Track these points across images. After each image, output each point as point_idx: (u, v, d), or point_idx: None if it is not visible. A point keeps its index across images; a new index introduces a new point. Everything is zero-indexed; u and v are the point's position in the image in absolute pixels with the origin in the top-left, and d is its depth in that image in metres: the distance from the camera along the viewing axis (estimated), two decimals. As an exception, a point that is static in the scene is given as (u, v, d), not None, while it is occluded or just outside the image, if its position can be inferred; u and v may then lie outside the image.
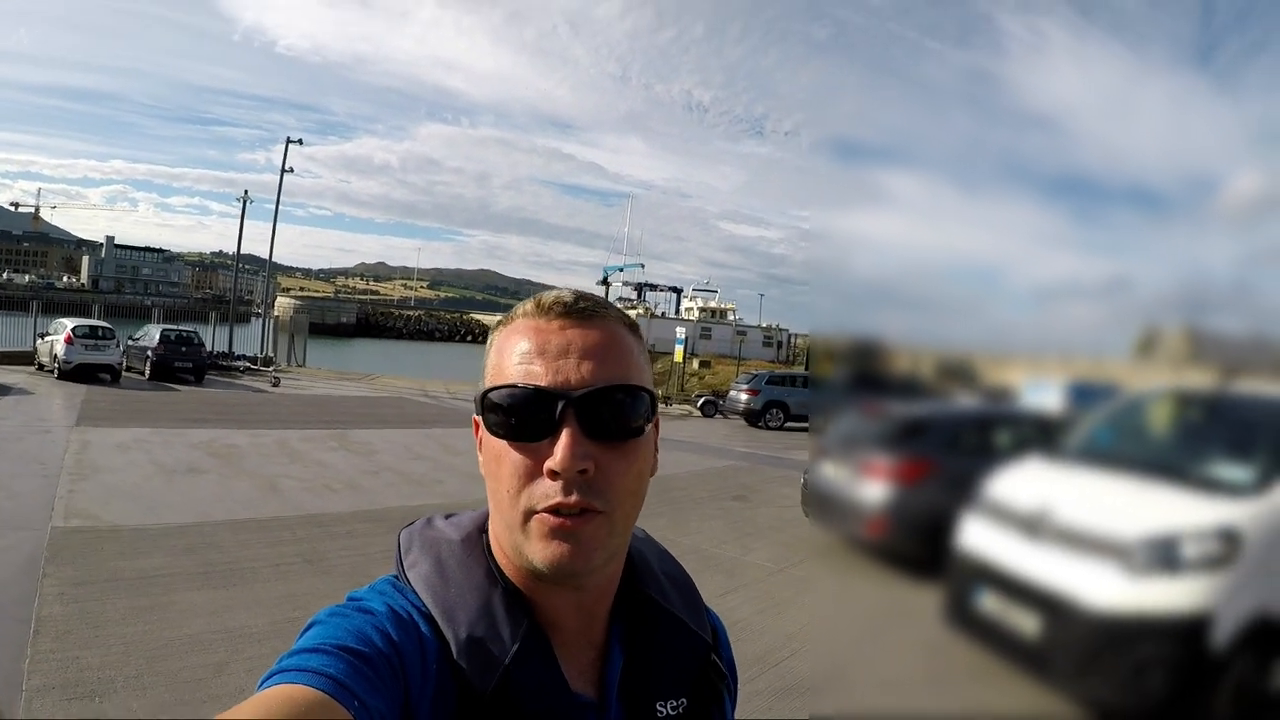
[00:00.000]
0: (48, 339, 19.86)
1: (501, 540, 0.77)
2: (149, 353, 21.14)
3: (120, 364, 20.00)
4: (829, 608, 5.69)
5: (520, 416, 0.72)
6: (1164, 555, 3.68)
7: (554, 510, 0.70)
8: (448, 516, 0.85)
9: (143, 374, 21.12)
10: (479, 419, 0.77)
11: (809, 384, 23.49)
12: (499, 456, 0.73)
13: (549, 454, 0.70)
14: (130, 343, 21.88)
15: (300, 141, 33.57)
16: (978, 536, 4.68)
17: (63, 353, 18.73)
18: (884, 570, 6.84)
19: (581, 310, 0.76)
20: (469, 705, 0.70)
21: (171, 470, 9.80)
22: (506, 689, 0.71)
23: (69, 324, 19.41)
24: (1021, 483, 4.79)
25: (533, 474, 0.71)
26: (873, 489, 6.71)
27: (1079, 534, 4.03)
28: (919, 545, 6.54)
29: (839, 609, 5.70)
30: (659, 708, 0.80)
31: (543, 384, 0.72)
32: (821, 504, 7.28)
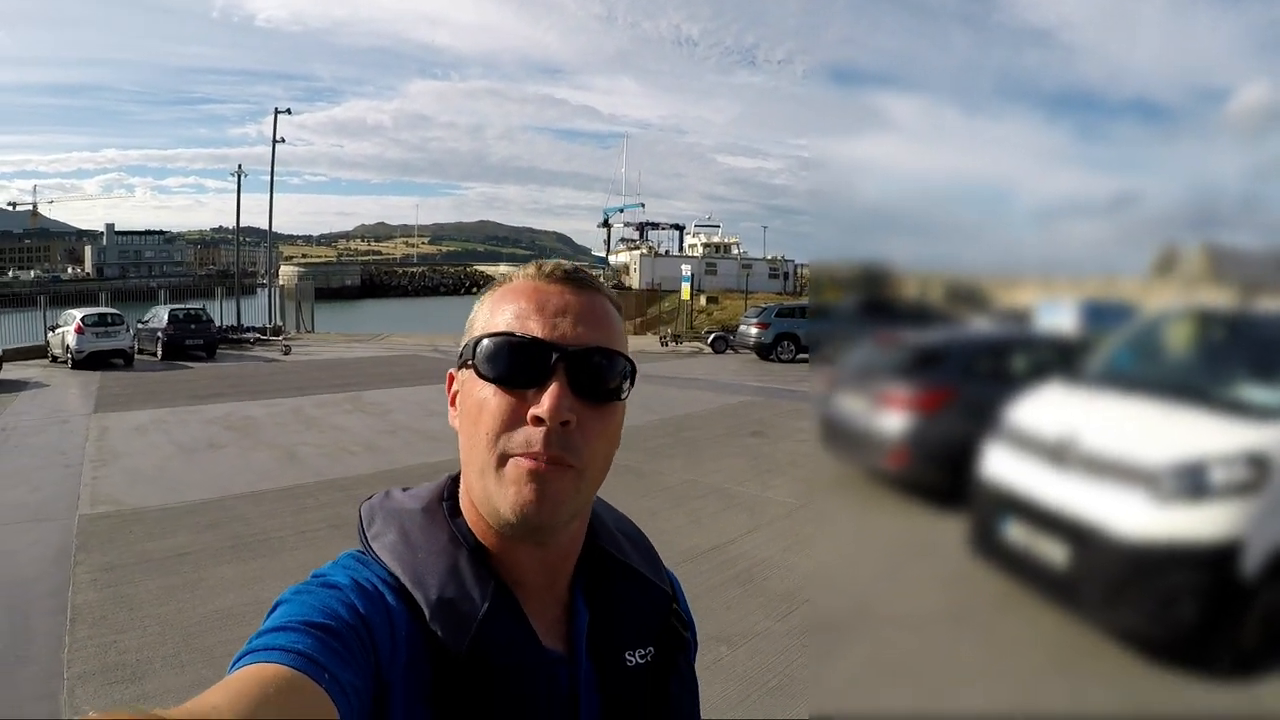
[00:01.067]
0: (58, 331, 20.11)
1: (473, 489, 0.78)
2: (159, 334, 21.36)
3: (132, 348, 20.25)
4: (852, 543, 5.69)
5: (513, 363, 0.74)
6: (1192, 482, 3.61)
7: (531, 455, 0.72)
8: (405, 489, 0.87)
9: (155, 355, 21.36)
10: (455, 373, 0.81)
11: (807, 313, 23.31)
12: (482, 402, 0.75)
13: (535, 402, 0.72)
14: (140, 326, 22.11)
15: (289, 111, 33.53)
16: (1001, 465, 4.62)
17: (74, 342, 18.94)
18: (905, 502, 6.84)
19: (580, 279, 0.80)
20: (444, 667, 0.71)
21: (191, 448, 9.90)
22: (480, 647, 0.72)
23: (78, 314, 19.64)
24: (1044, 409, 4.71)
25: (515, 420, 0.73)
26: (892, 420, 6.66)
27: (1106, 461, 3.95)
28: (940, 475, 6.51)
29: (862, 543, 5.70)
30: (627, 658, 0.83)
31: (540, 334, 0.75)
32: (839, 436, 7.24)
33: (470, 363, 0.77)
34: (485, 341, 0.76)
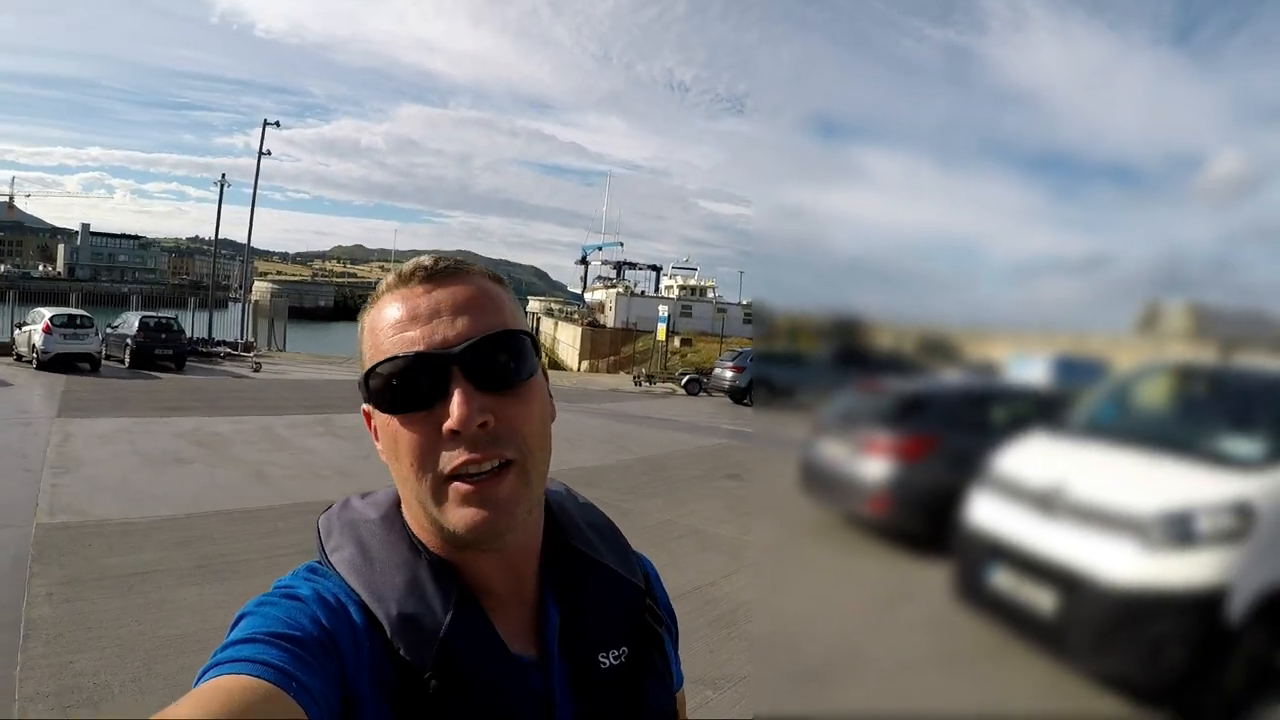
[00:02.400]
0: (25, 329, 19.58)
1: (418, 517, 0.76)
2: (128, 340, 20.93)
3: (100, 353, 19.77)
4: (836, 588, 5.66)
5: (407, 386, 0.70)
6: (1180, 530, 3.68)
7: (466, 475, 0.69)
8: (364, 496, 0.85)
9: (123, 362, 20.92)
10: (366, 407, 0.76)
11: (798, 360, 23.48)
12: (394, 434, 0.72)
13: (445, 416, 0.69)
14: (109, 331, 21.68)
15: (278, 124, 33.38)
16: (988, 513, 4.66)
17: (41, 343, 18.46)
18: (887, 548, 6.83)
19: (443, 270, 0.75)
20: (410, 682, 0.69)
21: (156, 460, 9.62)
22: (446, 660, 0.70)
23: (46, 313, 19.13)
24: (1030, 458, 4.76)
25: (434, 442, 0.70)
26: (874, 466, 6.68)
27: (1094, 510, 4.01)
28: (923, 522, 6.53)
29: (846, 589, 5.68)
30: (601, 659, 0.80)
31: (422, 348, 0.70)
32: (820, 482, 7.24)
33: (369, 399, 0.74)
34: (373, 374, 0.72)
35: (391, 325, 0.73)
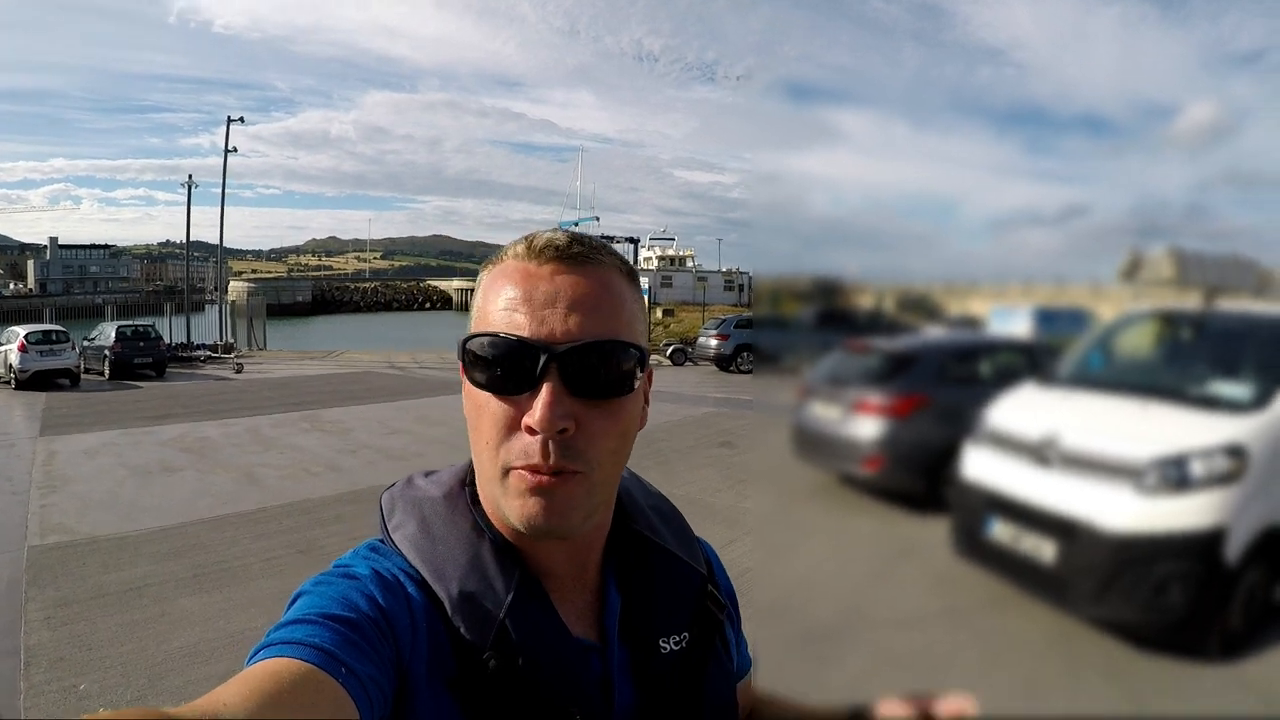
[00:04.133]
0: (0, 349, 19.22)
1: (483, 491, 0.76)
2: (106, 352, 20.84)
3: (78, 367, 19.73)
4: (835, 550, 5.70)
5: (501, 368, 0.69)
6: (1175, 474, 3.72)
7: (531, 469, 0.68)
8: (427, 474, 0.85)
9: (102, 374, 20.86)
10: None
11: (753, 324, 23.53)
12: (480, 407, 0.72)
13: (529, 408, 0.68)
14: (86, 343, 21.61)
15: (242, 120, 32.87)
16: (982, 466, 4.69)
17: (17, 362, 18.32)
18: (883, 507, 6.88)
19: (575, 255, 0.72)
20: (468, 661, 0.69)
21: (145, 471, 9.55)
22: (505, 640, 0.70)
23: (21, 331, 19.04)
24: (1021, 410, 4.79)
25: (512, 428, 0.69)
26: (865, 425, 6.71)
27: (1089, 458, 4.04)
28: (918, 479, 6.57)
29: (846, 549, 5.72)
30: (662, 644, 0.80)
31: (526, 335, 0.69)
32: (812, 444, 7.27)
33: (462, 362, 0.74)
34: (472, 343, 0.71)
35: (506, 299, 0.71)
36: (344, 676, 0.60)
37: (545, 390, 0.67)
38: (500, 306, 0.71)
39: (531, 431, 0.68)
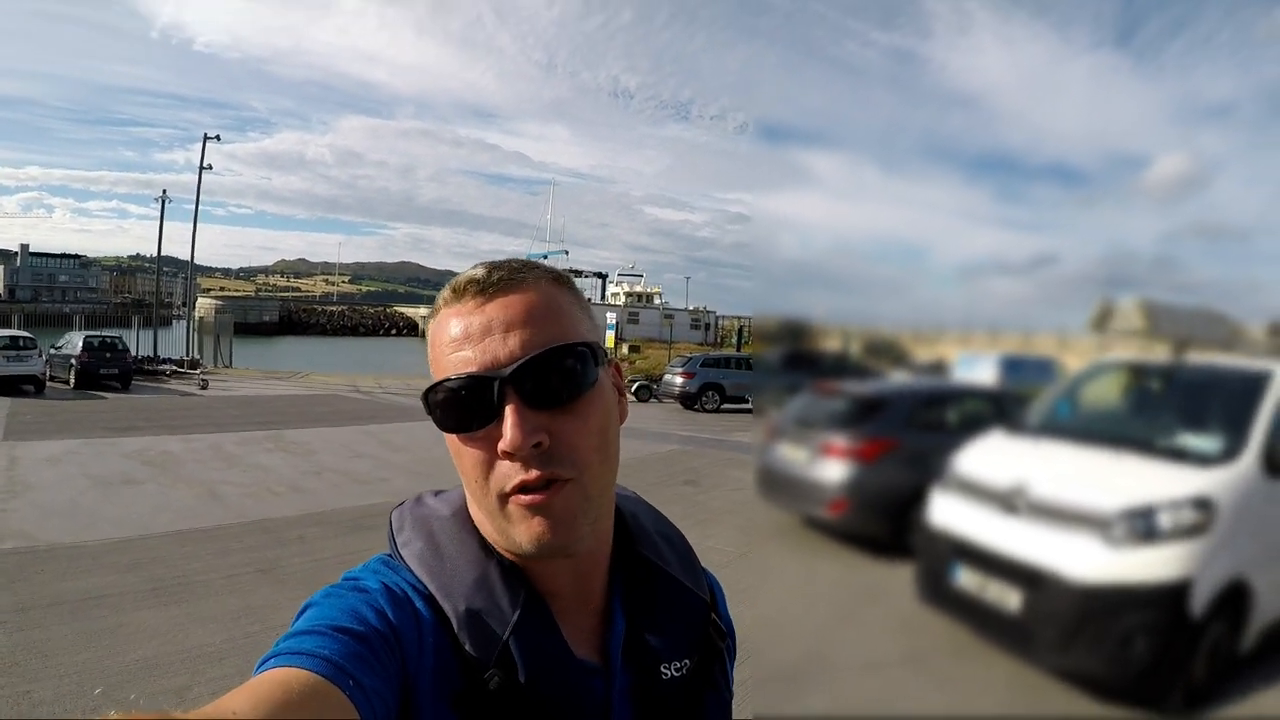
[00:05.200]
0: None
1: (484, 526, 0.77)
2: (73, 361, 20.61)
3: (44, 374, 19.46)
4: (798, 592, 5.66)
5: (462, 407, 0.71)
6: (1143, 526, 3.75)
7: (522, 488, 0.69)
8: (437, 493, 0.85)
9: (68, 383, 20.57)
10: None
11: (746, 365, 23.69)
12: (459, 452, 0.73)
13: (500, 436, 0.69)
14: (53, 351, 21.32)
15: (218, 138, 32.72)
16: (949, 513, 4.69)
17: None
18: (848, 550, 6.86)
19: (496, 283, 0.73)
20: (473, 679, 0.70)
21: (106, 482, 9.31)
22: (509, 658, 0.70)
23: None
24: (989, 458, 4.82)
25: (492, 459, 0.71)
26: (832, 469, 6.71)
27: (1057, 507, 4.06)
28: (883, 524, 6.57)
29: (809, 593, 5.68)
30: (663, 670, 0.80)
31: (474, 370, 0.70)
32: (779, 486, 7.25)
33: (430, 416, 0.74)
34: (433, 394, 0.73)
35: (448, 344, 0.73)
36: (351, 689, 0.60)
37: (509, 413, 0.68)
38: (446, 353, 0.73)
39: (509, 455, 0.69)
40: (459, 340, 0.72)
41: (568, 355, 0.71)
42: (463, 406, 0.71)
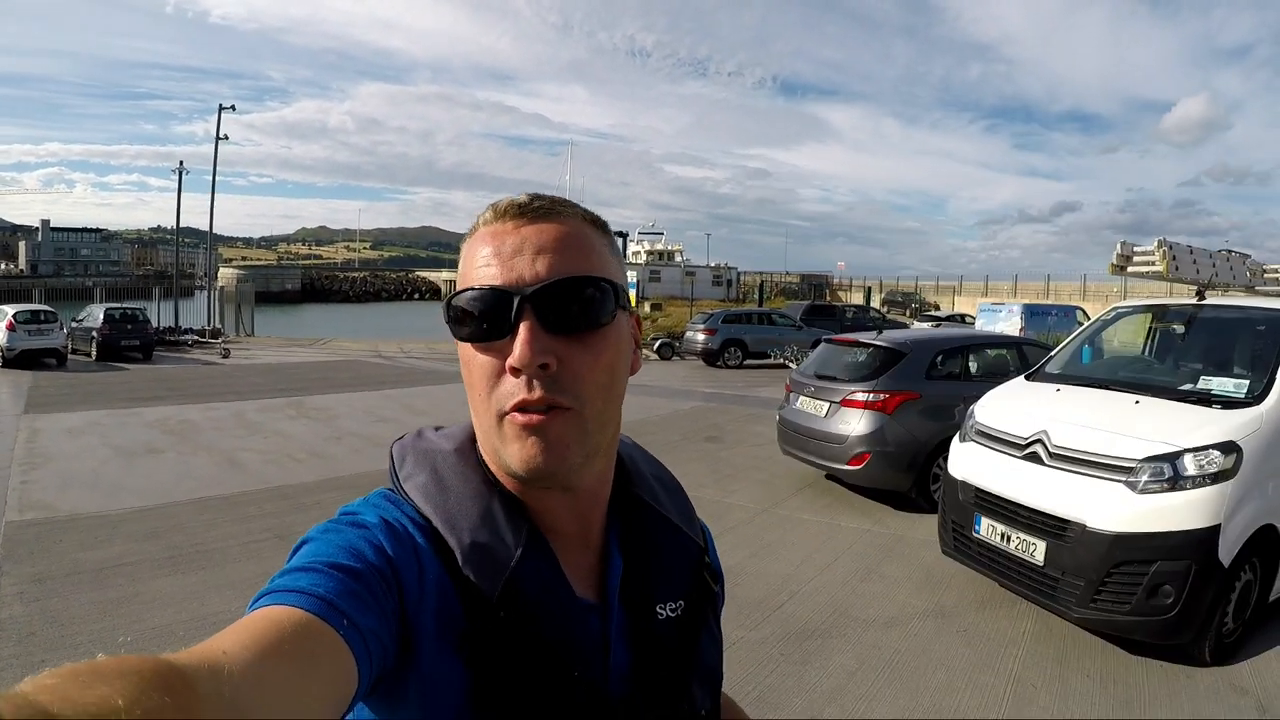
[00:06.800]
0: None
1: (483, 446, 0.77)
2: (94, 333, 20.63)
3: (66, 347, 19.59)
4: (822, 547, 5.65)
5: (480, 317, 0.72)
6: (1169, 472, 3.66)
7: (521, 408, 0.70)
8: (437, 429, 0.85)
9: (89, 356, 20.62)
10: None
11: (768, 320, 23.53)
12: (469, 361, 0.74)
13: (510, 352, 0.70)
14: (74, 324, 21.40)
15: (233, 108, 32.51)
16: (971, 463, 4.63)
17: (4, 340, 18.27)
18: (870, 504, 6.84)
19: (537, 209, 0.75)
20: (476, 611, 0.69)
21: (128, 452, 9.39)
22: (513, 592, 0.70)
23: (9, 310, 18.94)
24: (1011, 407, 4.73)
25: (499, 374, 0.71)
26: (853, 422, 6.66)
27: (1080, 455, 3.98)
28: (903, 476, 6.53)
29: (831, 547, 5.67)
30: (659, 610, 0.81)
31: (498, 283, 0.71)
32: (800, 441, 7.22)
33: (448, 323, 0.76)
34: (454, 301, 0.74)
35: (479, 259, 0.74)
36: (345, 629, 0.59)
37: (523, 330, 0.69)
38: (475, 266, 0.74)
39: (516, 372, 0.70)
40: (490, 256, 0.73)
41: (589, 286, 0.73)
42: (481, 317, 0.72)
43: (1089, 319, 6.55)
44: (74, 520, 6.62)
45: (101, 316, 20.98)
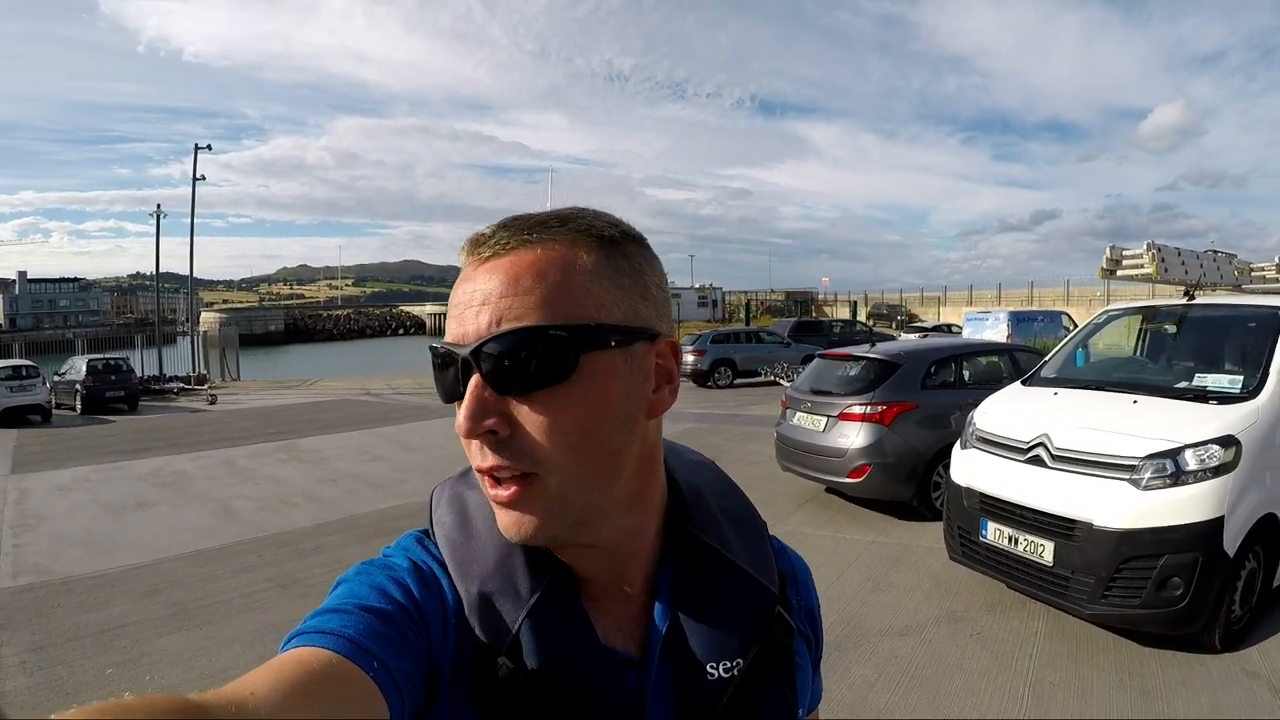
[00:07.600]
0: None
1: None
2: (78, 386, 20.31)
3: (49, 402, 19.18)
4: (829, 560, 5.67)
5: (441, 380, 0.68)
6: (1171, 468, 3.74)
7: (483, 474, 0.66)
8: None
9: (74, 409, 20.28)
10: None
11: (756, 338, 23.63)
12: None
13: None
14: (57, 378, 21.05)
15: (209, 147, 32.22)
16: (972, 469, 4.69)
17: None
18: (873, 515, 6.86)
19: (496, 243, 0.67)
20: (486, 665, 0.66)
21: (119, 507, 9.26)
22: (524, 645, 0.66)
23: None
24: (1009, 412, 4.80)
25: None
26: (851, 435, 6.70)
27: (1082, 456, 4.06)
28: (904, 486, 6.57)
29: (839, 560, 5.69)
30: (710, 669, 0.71)
31: (450, 339, 0.67)
32: (799, 456, 7.25)
33: None
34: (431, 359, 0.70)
35: (449, 309, 0.69)
36: (375, 670, 0.58)
37: (467, 393, 0.64)
38: (448, 319, 0.70)
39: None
40: (452, 305, 0.68)
41: (536, 337, 0.63)
42: (441, 379, 0.68)
43: (1075, 323, 6.64)
44: (70, 583, 6.48)
45: (84, 369, 20.69)
